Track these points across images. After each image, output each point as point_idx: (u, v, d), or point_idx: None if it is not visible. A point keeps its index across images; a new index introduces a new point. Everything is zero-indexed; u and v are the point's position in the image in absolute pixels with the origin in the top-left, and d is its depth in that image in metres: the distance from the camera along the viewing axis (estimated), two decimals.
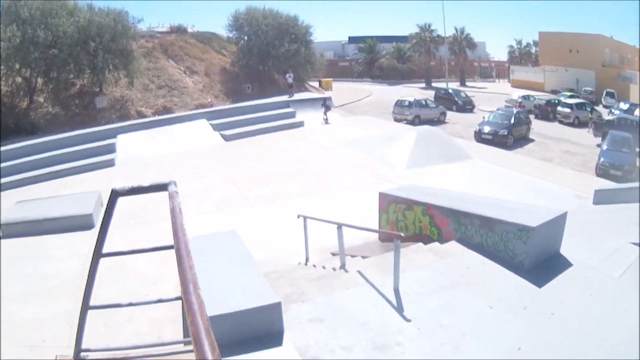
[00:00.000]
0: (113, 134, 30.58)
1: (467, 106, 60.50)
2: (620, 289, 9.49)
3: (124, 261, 9.38)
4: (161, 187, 3.67)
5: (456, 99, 61.31)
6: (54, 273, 12.68)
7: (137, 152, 28.92)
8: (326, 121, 40.10)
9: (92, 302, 4.27)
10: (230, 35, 51.85)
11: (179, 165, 25.97)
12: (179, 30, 52.42)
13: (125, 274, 11.76)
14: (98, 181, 22.73)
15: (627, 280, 9.82)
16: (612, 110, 59.18)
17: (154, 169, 24.86)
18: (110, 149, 29.05)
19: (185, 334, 5.89)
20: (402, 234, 9.31)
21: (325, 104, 41.25)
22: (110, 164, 27.54)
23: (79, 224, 16.14)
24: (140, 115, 36.78)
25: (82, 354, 4.59)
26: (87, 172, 25.75)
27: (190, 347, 1.98)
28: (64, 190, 20.98)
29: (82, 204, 17.54)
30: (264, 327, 6.77)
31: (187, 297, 2.43)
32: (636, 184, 21.86)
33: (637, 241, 11.82)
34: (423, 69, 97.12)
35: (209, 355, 1.95)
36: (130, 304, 4.51)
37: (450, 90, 65.20)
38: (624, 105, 60.60)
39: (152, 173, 23.89)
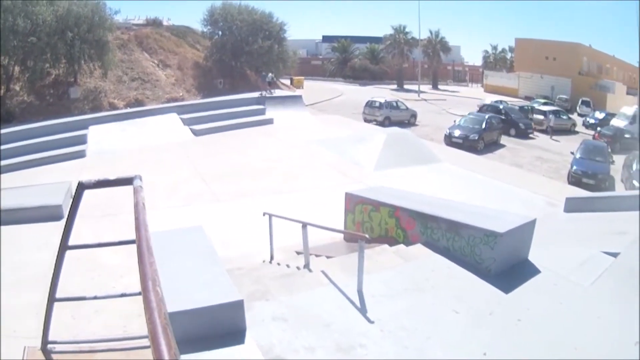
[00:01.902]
0: (85, 125, 30.44)
1: (528, 130, 50.30)
2: (591, 297, 9.55)
3: (92, 253, 9.33)
4: (127, 181, 3.87)
5: (516, 119, 50.96)
6: (24, 263, 12.52)
7: (108, 144, 28.75)
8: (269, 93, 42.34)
9: (60, 294, 4.29)
10: (205, 30, 51.64)
11: (149, 159, 25.95)
12: (155, 23, 52.15)
13: (93, 266, 11.66)
14: (68, 172, 22.53)
15: (599, 289, 9.90)
16: (587, 119, 60.85)
17: (124, 162, 24.76)
18: (82, 140, 28.77)
19: None
20: (367, 236, 9.34)
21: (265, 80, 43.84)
22: (81, 155, 27.24)
23: (49, 214, 15.90)
24: (113, 107, 36.51)
25: (50, 345, 4.67)
26: (58, 163, 25.41)
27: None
28: (34, 180, 20.78)
29: (52, 195, 17.32)
30: (226, 325, 6.76)
31: (145, 294, 2.50)
32: (608, 193, 22.10)
33: (609, 250, 11.90)
34: (395, 70, 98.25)
35: (166, 355, 1.99)
36: (95, 297, 4.58)
37: (500, 106, 54.87)
38: (600, 114, 61.54)
39: (122, 166, 23.73)
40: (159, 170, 23.57)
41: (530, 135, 49.48)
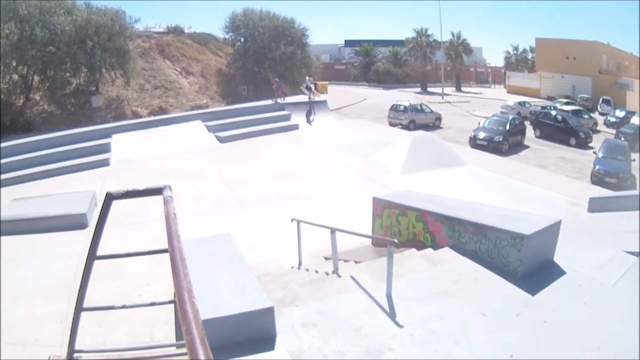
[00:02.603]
0: (108, 133, 30.46)
1: (588, 139, 45.43)
2: (614, 297, 9.50)
3: (118, 261, 9.40)
4: (156, 192, 3.77)
5: (575, 127, 46.54)
6: (48, 272, 12.59)
7: (132, 152, 28.91)
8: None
9: (86, 303, 4.30)
10: (227, 36, 52.03)
11: (174, 167, 25.94)
12: (176, 31, 52.46)
13: (119, 274, 11.69)
14: (92, 180, 22.66)
15: (622, 288, 9.84)
16: (609, 118, 60.11)
17: (148, 170, 24.93)
18: (105, 148, 28.87)
19: (178, 336, 5.90)
20: (397, 241, 9.23)
21: (308, 86, 43.71)
22: (104, 163, 27.38)
23: (73, 223, 16.07)
24: (136, 115, 36.83)
25: (76, 354, 4.64)
26: (82, 171, 25.53)
27: (183, 350, 2.01)
28: (58, 188, 20.83)
29: (76, 204, 17.43)
30: (256, 331, 6.78)
31: (182, 306, 2.46)
32: (631, 192, 21.89)
33: (632, 250, 11.82)
34: (419, 73, 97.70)
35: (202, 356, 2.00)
36: (124, 307, 4.55)
37: (556, 113, 50.00)
38: (620, 113, 60.90)
39: (147, 174, 23.93)
40: (184, 177, 23.53)
41: (590, 145, 43.48)
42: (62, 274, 11.95)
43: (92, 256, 4.02)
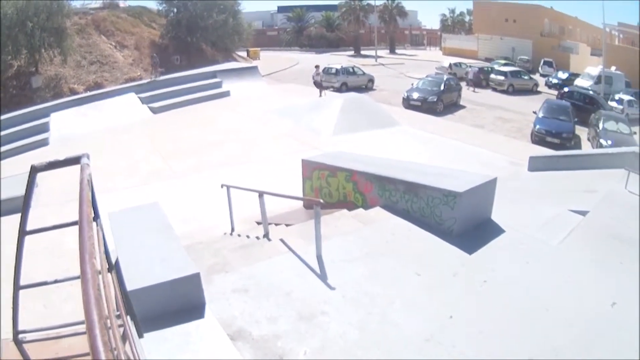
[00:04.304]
0: (46, 113, 30.60)
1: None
2: (560, 256, 9.57)
3: (57, 240, 9.25)
4: (75, 161, 3.89)
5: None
6: None
7: (70, 129, 28.89)
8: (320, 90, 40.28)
9: (25, 282, 4.21)
10: (160, 8, 52.84)
11: (109, 141, 26.30)
12: (111, 6, 52.61)
13: (59, 252, 11.54)
14: (32, 162, 22.32)
15: (567, 247, 9.95)
16: (550, 79, 61.59)
17: (85, 146, 24.02)
18: (44, 128, 29.08)
19: (117, 306, 5.83)
20: (322, 201, 9.33)
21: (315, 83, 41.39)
22: (44, 143, 27.53)
23: (15, 206, 15.88)
24: (73, 92, 36.80)
25: (20, 335, 4.61)
26: (23, 154, 25.46)
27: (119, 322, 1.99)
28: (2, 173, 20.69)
29: (19, 186, 17.24)
30: (185, 300, 6.65)
31: (81, 266, 2.54)
32: (573, 152, 22.25)
33: (577, 208, 12.04)
34: (352, 37, 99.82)
35: (96, 324, 2.05)
36: (56, 281, 4.45)
37: (584, 92, 46.35)
38: (563, 75, 62.47)
39: (84, 150, 23.44)
40: (118, 151, 24.06)
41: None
42: (6, 258, 11.82)
43: (22, 232, 4.03)
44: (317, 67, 41.64)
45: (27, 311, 4.60)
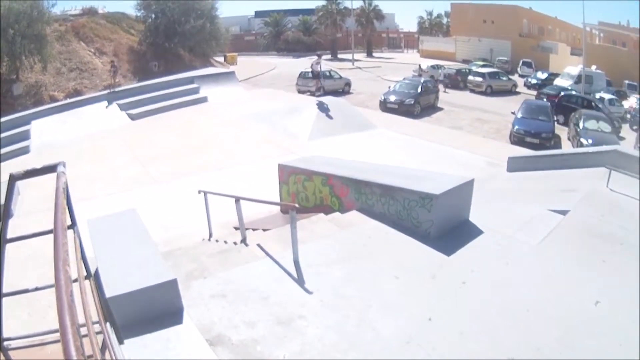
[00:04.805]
0: (27, 120, 30.44)
1: (619, 127, 38.93)
2: (540, 256, 9.61)
3: (41, 248, 9.28)
4: (51, 169, 4.06)
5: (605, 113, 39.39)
6: None
7: (50, 137, 28.79)
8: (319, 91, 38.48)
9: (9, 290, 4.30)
10: (139, 14, 53.12)
11: (88, 148, 26.18)
12: (90, 12, 53.25)
13: (45, 260, 11.62)
14: (14, 169, 22.34)
15: (547, 247, 9.98)
16: (529, 80, 62.43)
17: (65, 154, 23.93)
18: (25, 136, 28.93)
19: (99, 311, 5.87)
20: (297, 205, 9.36)
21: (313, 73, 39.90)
22: (25, 151, 27.39)
23: None
24: (53, 99, 36.86)
25: (5, 343, 4.72)
26: (4, 162, 24.79)
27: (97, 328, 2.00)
28: None
29: None
30: (162, 306, 6.69)
31: (55, 274, 2.52)
32: (552, 152, 22.39)
33: (557, 208, 12.10)
34: (329, 41, 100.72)
35: (69, 328, 2.12)
36: (37, 289, 4.53)
37: (582, 97, 45.31)
38: (542, 75, 63.29)
39: (63, 157, 23.35)
40: (98, 158, 24.04)
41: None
42: None
43: (3, 240, 4.10)
44: (318, 55, 40.44)
45: (13, 318, 4.59)
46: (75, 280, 3.74)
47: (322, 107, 30.54)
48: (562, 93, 46.82)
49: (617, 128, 37.25)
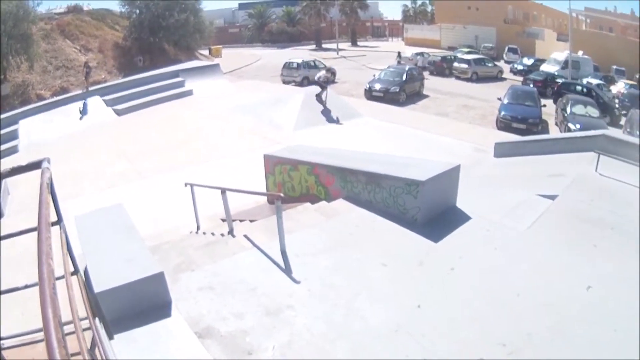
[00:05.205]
0: (15, 120, 30.58)
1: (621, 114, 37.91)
2: (529, 241, 9.64)
3: (34, 246, 9.22)
4: (36, 165, 4.10)
5: (608, 102, 40.37)
6: None
7: (39, 135, 28.77)
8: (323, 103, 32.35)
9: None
10: (123, 10, 53.01)
11: (76, 145, 26.13)
12: (75, 10, 53.26)
13: (35, 259, 11.59)
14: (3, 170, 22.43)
15: (536, 232, 10.01)
16: (515, 66, 62.57)
17: (54, 151, 24.13)
18: (14, 135, 29.05)
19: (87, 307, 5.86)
20: (282, 195, 9.40)
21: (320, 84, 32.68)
22: (14, 150, 27.47)
23: None
24: (40, 98, 36.88)
25: (2, 341, 4.99)
26: None
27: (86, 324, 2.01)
28: None
29: None
30: (151, 299, 6.68)
31: (39, 267, 2.61)
32: (539, 137, 22.37)
33: (545, 193, 12.12)
34: (313, 31, 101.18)
35: (51, 320, 2.16)
36: (26, 286, 4.71)
37: (580, 85, 44.18)
38: (528, 61, 63.38)
39: (51, 155, 23.42)
40: (85, 154, 24.03)
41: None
42: None
43: None
44: (328, 70, 35.98)
45: (4, 319, 4.63)
46: (62, 277, 3.74)
47: (319, 99, 30.30)
48: (560, 81, 46.39)
49: (617, 117, 37.63)
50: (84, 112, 32.80)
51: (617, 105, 41.01)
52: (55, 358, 1.97)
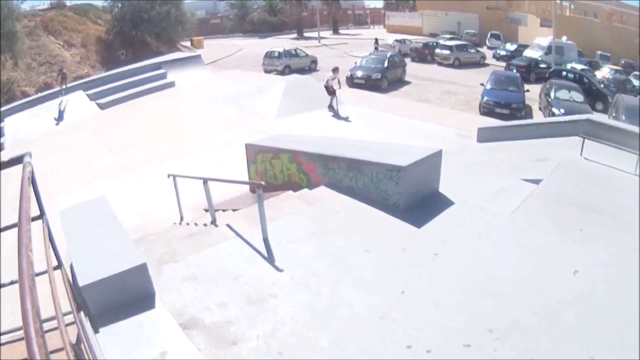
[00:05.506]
0: (0, 118, 30.43)
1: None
2: (513, 226, 9.67)
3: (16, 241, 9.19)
4: (18, 160, 4.17)
5: (601, 89, 40.12)
6: None
7: (24, 132, 28.88)
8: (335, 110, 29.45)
9: None
10: (105, 4, 53.59)
11: (61, 140, 26.25)
12: (59, 6, 53.78)
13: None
14: None
15: (520, 217, 10.04)
16: (498, 51, 63.05)
17: (39, 147, 23.95)
18: None
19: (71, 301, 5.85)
20: (263, 183, 9.50)
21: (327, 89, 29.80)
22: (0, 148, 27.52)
23: None
24: (25, 94, 37.07)
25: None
26: None
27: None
28: None
29: None
30: (134, 291, 6.67)
31: (19, 259, 2.63)
32: (522, 121, 22.47)
33: (529, 177, 12.19)
34: (294, 20, 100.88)
35: (30, 311, 2.20)
36: (12, 282, 4.53)
37: (570, 71, 44.19)
38: (511, 46, 63.95)
39: (36, 152, 23.45)
40: (70, 149, 24.08)
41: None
42: None
43: None
44: (334, 70, 29.90)
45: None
46: (45, 272, 3.71)
47: (331, 109, 28.64)
48: (552, 68, 46.25)
49: (609, 103, 35.39)
50: (59, 118, 32.21)
51: (611, 95, 38.95)
52: (33, 347, 1.98)
